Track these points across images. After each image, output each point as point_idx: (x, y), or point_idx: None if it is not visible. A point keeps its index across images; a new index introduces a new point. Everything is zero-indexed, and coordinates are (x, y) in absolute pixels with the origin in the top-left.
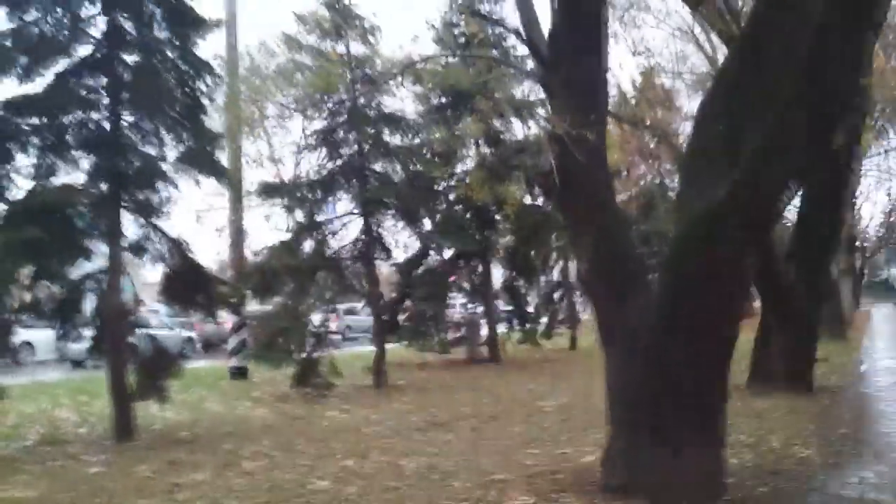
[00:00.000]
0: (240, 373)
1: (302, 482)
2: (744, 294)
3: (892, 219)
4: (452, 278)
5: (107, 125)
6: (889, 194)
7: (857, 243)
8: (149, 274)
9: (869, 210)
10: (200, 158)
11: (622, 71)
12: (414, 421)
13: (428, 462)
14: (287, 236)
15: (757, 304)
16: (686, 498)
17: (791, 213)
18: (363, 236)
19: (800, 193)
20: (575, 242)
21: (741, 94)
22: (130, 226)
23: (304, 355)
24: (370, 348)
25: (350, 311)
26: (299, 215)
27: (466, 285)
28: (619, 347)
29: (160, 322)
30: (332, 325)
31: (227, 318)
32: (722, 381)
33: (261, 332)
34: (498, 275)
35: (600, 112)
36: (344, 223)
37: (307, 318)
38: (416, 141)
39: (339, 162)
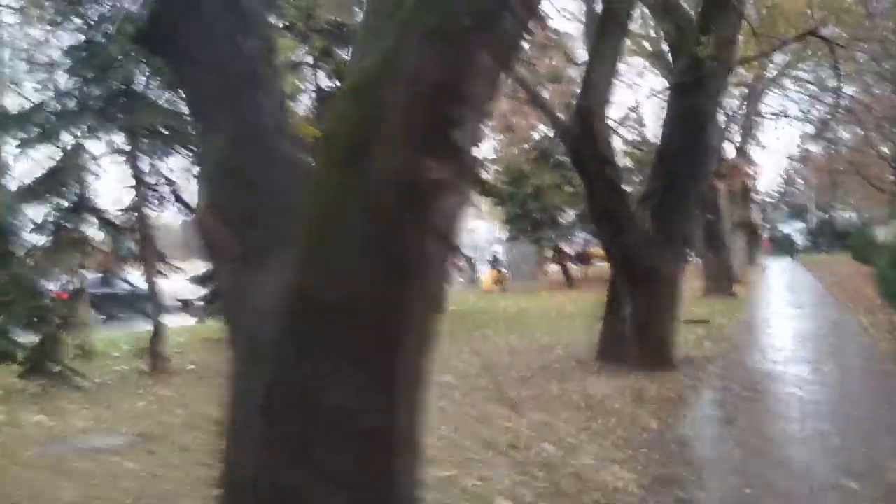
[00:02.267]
0: None
1: None
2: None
3: (790, 171)
4: None
5: None
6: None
7: (754, 197)
8: None
9: (770, 162)
10: None
11: None
12: (122, 434)
13: None
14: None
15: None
16: None
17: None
18: (134, 180)
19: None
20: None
21: None
22: None
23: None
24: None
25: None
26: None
27: None
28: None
29: None
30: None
31: None
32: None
33: None
34: None
35: None
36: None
37: (38, 284)
38: None
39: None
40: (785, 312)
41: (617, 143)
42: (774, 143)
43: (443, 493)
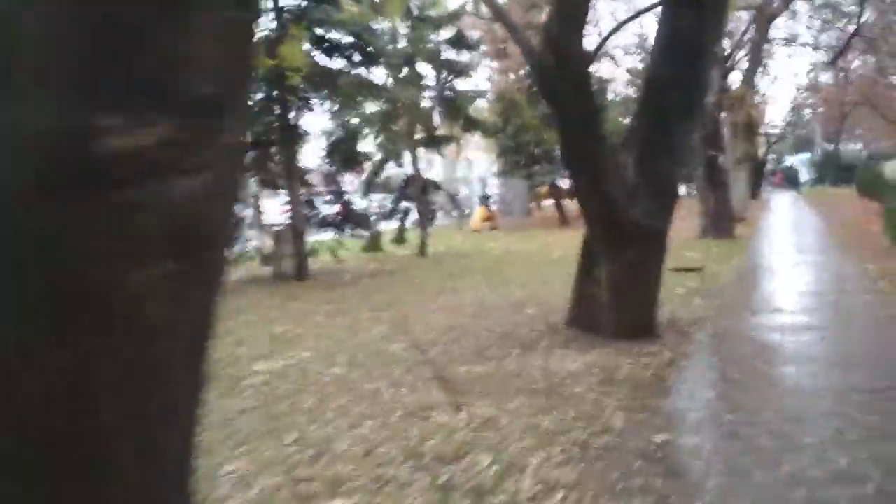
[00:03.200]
0: None
1: None
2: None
3: (798, 101)
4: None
5: None
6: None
7: (760, 129)
8: None
9: (777, 92)
10: None
11: None
12: None
13: None
14: None
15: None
16: None
17: None
18: None
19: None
20: None
21: None
22: None
23: None
24: None
25: None
26: None
27: (261, 184)
28: None
29: None
30: None
31: None
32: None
33: None
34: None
35: None
36: None
37: None
38: None
39: None
40: (787, 259)
41: (620, 74)
42: (783, 71)
43: None
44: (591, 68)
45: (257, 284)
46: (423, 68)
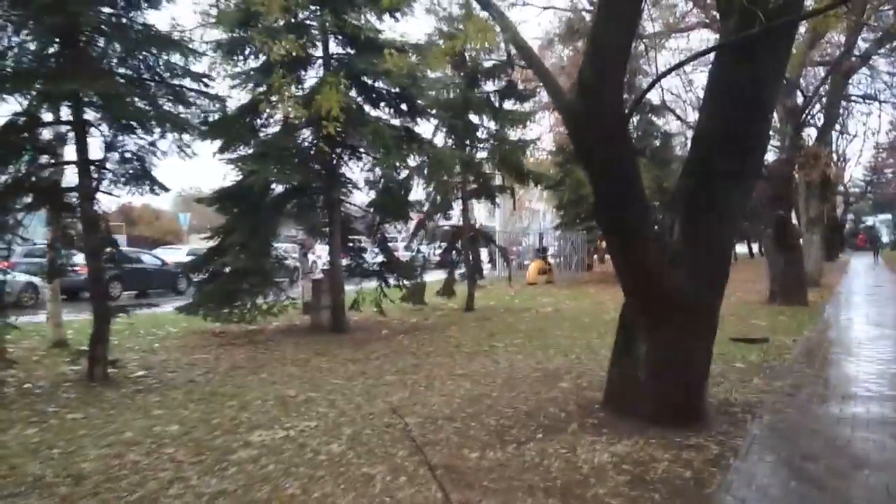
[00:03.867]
0: None
1: None
2: None
3: (879, 160)
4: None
5: None
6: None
7: (841, 188)
8: None
9: (855, 151)
10: None
11: None
12: None
13: None
14: None
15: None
16: None
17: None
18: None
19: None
20: None
21: None
22: None
23: None
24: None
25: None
26: None
27: (302, 233)
28: None
29: None
30: None
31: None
32: None
33: None
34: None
35: None
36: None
37: None
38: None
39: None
40: (864, 332)
41: (674, 125)
42: (861, 129)
43: None
44: (659, 121)
45: (292, 336)
46: (477, 118)
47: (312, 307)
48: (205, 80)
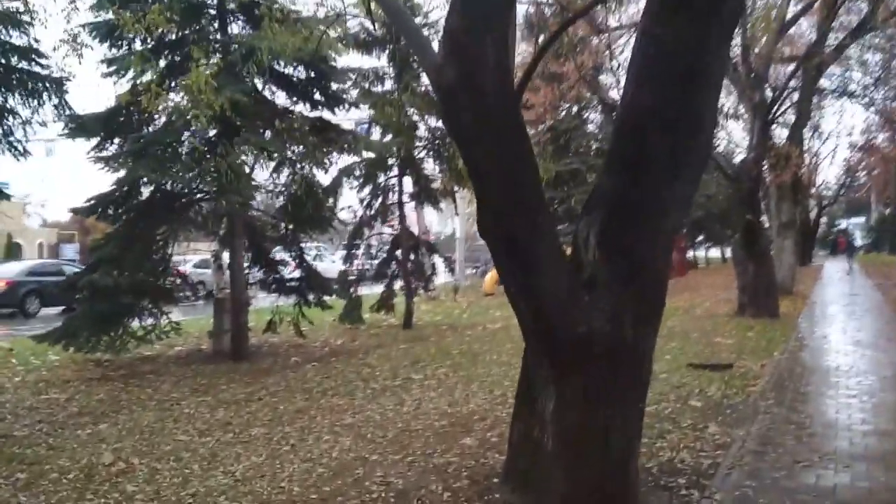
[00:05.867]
0: None
1: None
2: None
3: (852, 162)
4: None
5: None
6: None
7: (813, 190)
8: None
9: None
10: None
11: None
12: None
13: None
14: None
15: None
16: None
17: None
18: None
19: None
20: None
21: None
22: None
23: None
24: None
25: None
26: None
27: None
28: None
29: None
30: None
31: None
32: None
33: None
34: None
35: None
36: None
37: None
38: None
39: None
40: (843, 354)
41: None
42: (835, 128)
43: None
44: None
45: (185, 365)
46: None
47: (215, 330)
48: (35, 56)
